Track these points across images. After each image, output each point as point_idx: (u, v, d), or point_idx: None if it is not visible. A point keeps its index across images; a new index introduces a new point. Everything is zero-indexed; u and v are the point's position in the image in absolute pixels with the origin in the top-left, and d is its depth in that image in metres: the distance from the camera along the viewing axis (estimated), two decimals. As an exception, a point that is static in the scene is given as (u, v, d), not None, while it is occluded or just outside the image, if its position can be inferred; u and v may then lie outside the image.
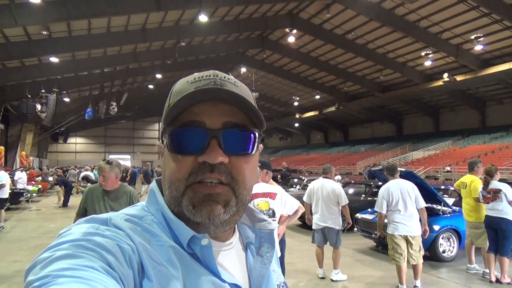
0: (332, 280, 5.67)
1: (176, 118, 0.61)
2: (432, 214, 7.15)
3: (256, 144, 0.65)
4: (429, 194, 6.91)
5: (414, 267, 5.17)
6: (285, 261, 4.40)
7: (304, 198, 5.93)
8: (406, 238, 5.07)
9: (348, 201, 5.75)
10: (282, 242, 4.16)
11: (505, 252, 5.35)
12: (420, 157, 28.42)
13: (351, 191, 11.06)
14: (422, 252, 5.16)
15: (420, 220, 5.16)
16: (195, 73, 0.68)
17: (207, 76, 0.65)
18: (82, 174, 16.30)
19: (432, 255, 6.71)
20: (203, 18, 17.70)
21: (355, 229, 8.03)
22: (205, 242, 0.60)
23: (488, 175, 5.52)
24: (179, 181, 0.62)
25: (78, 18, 15.20)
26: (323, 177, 5.99)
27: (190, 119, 0.61)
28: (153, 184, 0.71)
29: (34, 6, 13.41)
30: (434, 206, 7.30)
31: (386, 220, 5.29)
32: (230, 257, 0.69)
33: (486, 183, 5.51)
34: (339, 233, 5.74)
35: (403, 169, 6.21)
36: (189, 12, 18.29)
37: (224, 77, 0.66)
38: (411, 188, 5.14)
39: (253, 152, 0.66)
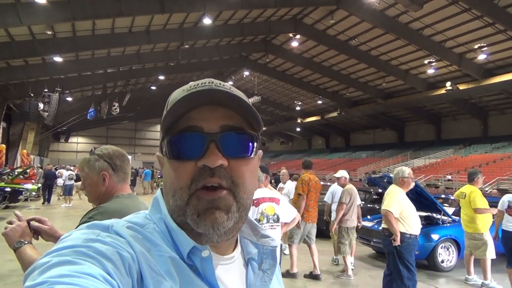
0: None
1: (174, 125, 0.61)
2: (431, 223, 7.11)
3: (255, 147, 0.65)
4: (429, 203, 6.88)
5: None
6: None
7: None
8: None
9: None
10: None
11: None
12: (421, 165, 28.37)
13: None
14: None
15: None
16: (191, 82, 0.67)
17: (203, 84, 0.64)
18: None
19: (430, 265, 6.67)
20: (207, 21, 17.81)
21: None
22: (206, 253, 0.59)
23: None
24: (182, 190, 0.61)
25: (82, 19, 15.28)
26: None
27: (188, 125, 0.61)
28: (158, 192, 0.70)
29: (39, 6, 13.48)
30: (434, 215, 7.25)
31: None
32: (230, 272, 0.67)
33: None
34: None
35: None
36: (193, 15, 18.38)
37: (220, 84, 0.65)
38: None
39: (252, 155, 0.65)
